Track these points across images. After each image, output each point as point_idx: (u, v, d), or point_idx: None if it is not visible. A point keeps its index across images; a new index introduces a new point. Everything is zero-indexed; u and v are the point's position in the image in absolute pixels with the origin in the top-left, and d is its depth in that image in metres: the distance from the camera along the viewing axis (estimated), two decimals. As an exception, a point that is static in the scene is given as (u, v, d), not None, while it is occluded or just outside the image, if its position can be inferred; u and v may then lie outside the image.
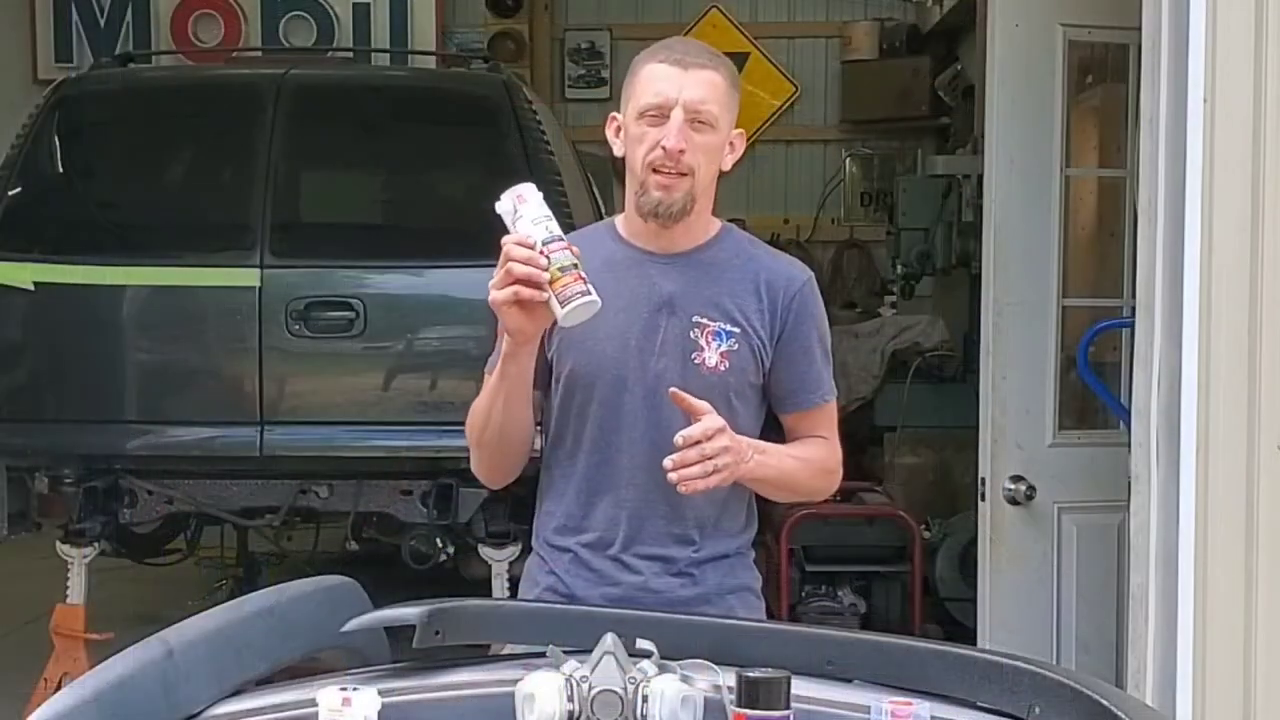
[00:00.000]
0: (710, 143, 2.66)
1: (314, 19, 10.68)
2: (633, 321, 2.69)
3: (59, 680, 5.36)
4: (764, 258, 2.80)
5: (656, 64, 2.66)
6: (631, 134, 2.67)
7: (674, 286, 2.71)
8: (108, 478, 5.61)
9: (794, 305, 2.74)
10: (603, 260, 2.69)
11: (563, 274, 2.46)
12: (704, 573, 2.76)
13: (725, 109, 2.67)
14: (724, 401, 2.67)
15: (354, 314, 5.44)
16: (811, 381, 2.78)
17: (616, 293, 2.66)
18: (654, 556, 2.73)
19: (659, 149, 2.62)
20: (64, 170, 5.97)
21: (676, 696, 1.95)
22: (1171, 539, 3.34)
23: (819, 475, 2.84)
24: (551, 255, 2.46)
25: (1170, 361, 3.35)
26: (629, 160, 2.69)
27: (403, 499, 5.61)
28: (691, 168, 2.63)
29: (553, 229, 2.49)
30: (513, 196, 2.52)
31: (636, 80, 2.68)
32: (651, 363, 2.69)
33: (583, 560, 2.74)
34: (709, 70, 2.66)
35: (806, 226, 10.93)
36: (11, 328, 5.60)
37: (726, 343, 2.70)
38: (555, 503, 2.79)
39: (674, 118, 2.61)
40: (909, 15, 11.01)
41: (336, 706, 1.85)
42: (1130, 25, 3.91)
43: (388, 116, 6.12)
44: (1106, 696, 1.93)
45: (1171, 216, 3.33)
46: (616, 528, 2.72)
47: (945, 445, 7.45)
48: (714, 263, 2.75)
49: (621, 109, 2.71)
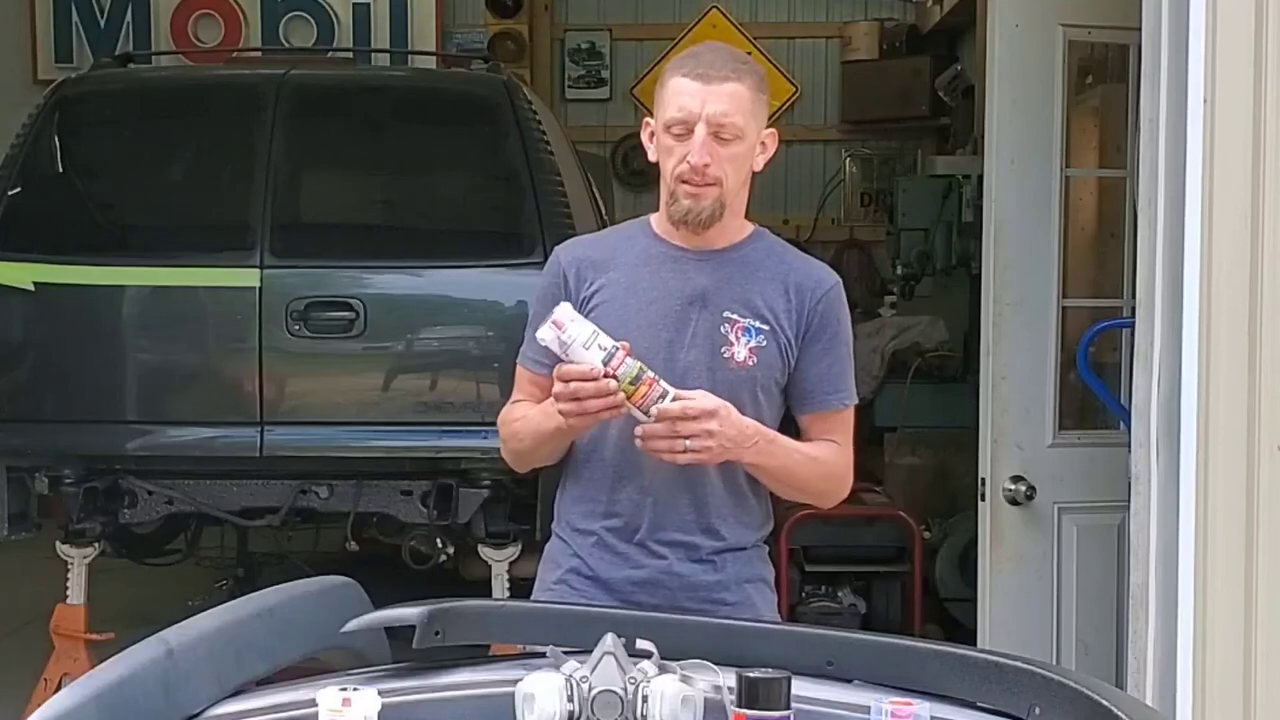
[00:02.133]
0: (737, 152, 2.74)
1: (314, 19, 10.67)
2: (665, 314, 2.77)
3: (59, 680, 5.36)
4: (794, 260, 2.89)
5: (681, 78, 2.73)
6: (661, 144, 2.76)
7: (706, 281, 2.79)
8: (108, 478, 5.60)
9: (820, 307, 2.81)
10: (638, 254, 2.82)
11: (635, 385, 2.57)
12: (724, 561, 2.83)
13: (751, 116, 2.74)
14: (750, 395, 2.76)
15: (354, 314, 5.43)
16: (830, 382, 2.84)
17: (651, 284, 2.78)
18: (677, 543, 2.80)
19: (685, 164, 2.71)
20: (64, 170, 5.96)
21: (676, 696, 1.95)
22: (1171, 539, 3.34)
23: (825, 478, 2.88)
24: (618, 372, 2.57)
25: (1170, 361, 3.35)
26: (661, 167, 2.78)
27: (403, 499, 5.61)
28: (719, 178, 2.72)
29: (605, 343, 2.58)
30: (551, 325, 2.60)
31: (664, 93, 2.75)
32: (681, 354, 2.75)
33: (608, 544, 2.82)
34: (732, 82, 2.71)
35: (806, 227, 10.92)
36: (11, 328, 5.59)
37: (755, 339, 2.77)
38: (581, 487, 2.86)
39: (698, 133, 2.69)
40: (909, 15, 11.01)
41: (336, 706, 1.85)
42: (1130, 25, 3.91)
43: (388, 117, 6.11)
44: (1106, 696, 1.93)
45: (1171, 216, 3.33)
46: (641, 513, 2.79)
47: (945, 445, 7.46)
48: (746, 261, 2.83)
49: (654, 116, 2.79)
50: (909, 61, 10.65)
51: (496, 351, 5.28)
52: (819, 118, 11.15)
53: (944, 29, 10.23)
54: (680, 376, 2.71)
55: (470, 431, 5.34)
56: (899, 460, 7.75)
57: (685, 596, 2.78)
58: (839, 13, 11.16)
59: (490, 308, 5.59)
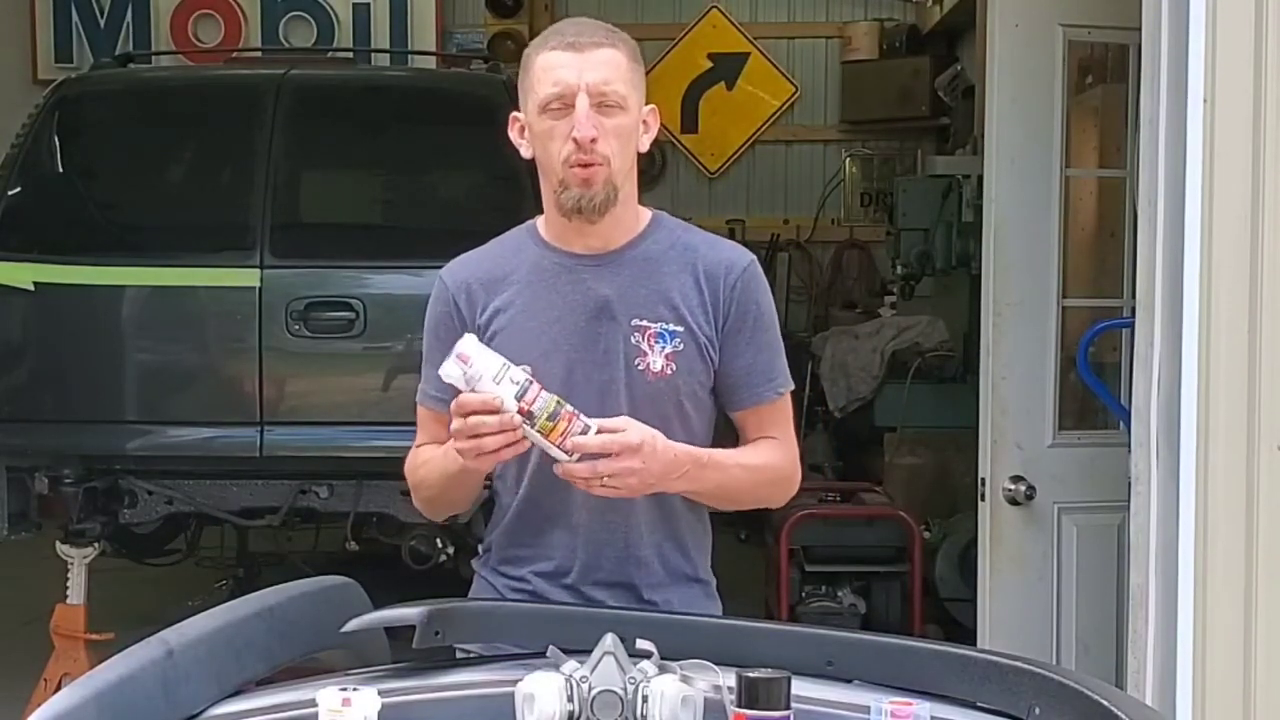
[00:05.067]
0: (622, 125, 2.47)
1: (314, 19, 10.67)
2: (569, 332, 2.51)
3: (59, 680, 5.36)
4: (700, 246, 2.60)
5: (550, 52, 2.46)
6: (537, 131, 2.49)
7: (609, 289, 2.52)
8: (108, 478, 5.61)
9: (736, 294, 2.55)
10: (530, 268, 2.56)
11: (554, 422, 2.30)
12: (668, 600, 2.59)
13: (633, 86, 2.48)
14: (675, 406, 2.52)
15: (354, 314, 5.44)
16: (759, 373, 2.59)
17: (549, 302, 2.52)
18: (614, 584, 2.57)
19: (570, 141, 2.43)
20: (64, 170, 5.97)
21: (676, 697, 1.94)
22: (1171, 539, 3.34)
23: (768, 484, 2.64)
24: (534, 408, 2.29)
25: (1170, 361, 3.34)
26: (540, 160, 2.51)
27: (403, 499, 5.60)
28: (607, 156, 2.44)
29: (517, 376, 2.30)
30: (455, 359, 2.32)
31: (532, 72, 2.48)
32: (595, 374, 2.50)
33: (539, 592, 2.58)
34: (606, 48, 2.46)
35: (806, 227, 10.93)
36: (11, 328, 5.60)
37: (671, 344, 2.51)
38: (505, 532, 2.63)
39: (579, 105, 2.42)
40: (909, 15, 11.01)
41: (336, 706, 1.85)
42: (1130, 25, 3.90)
43: (388, 117, 6.12)
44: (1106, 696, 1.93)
45: (1171, 217, 3.33)
46: (573, 556, 2.56)
47: (945, 445, 7.46)
48: (648, 258, 2.56)
49: (522, 107, 2.52)
50: (909, 61, 10.66)
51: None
52: (819, 118, 11.15)
53: (944, 29, 10.23)
54: (597, 398, 2.46)
55: (470, 431, 5.33)
56: (899, 460, 7.75)
57: None
58: (839, 13, 11.16)
59: None
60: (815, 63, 11.15)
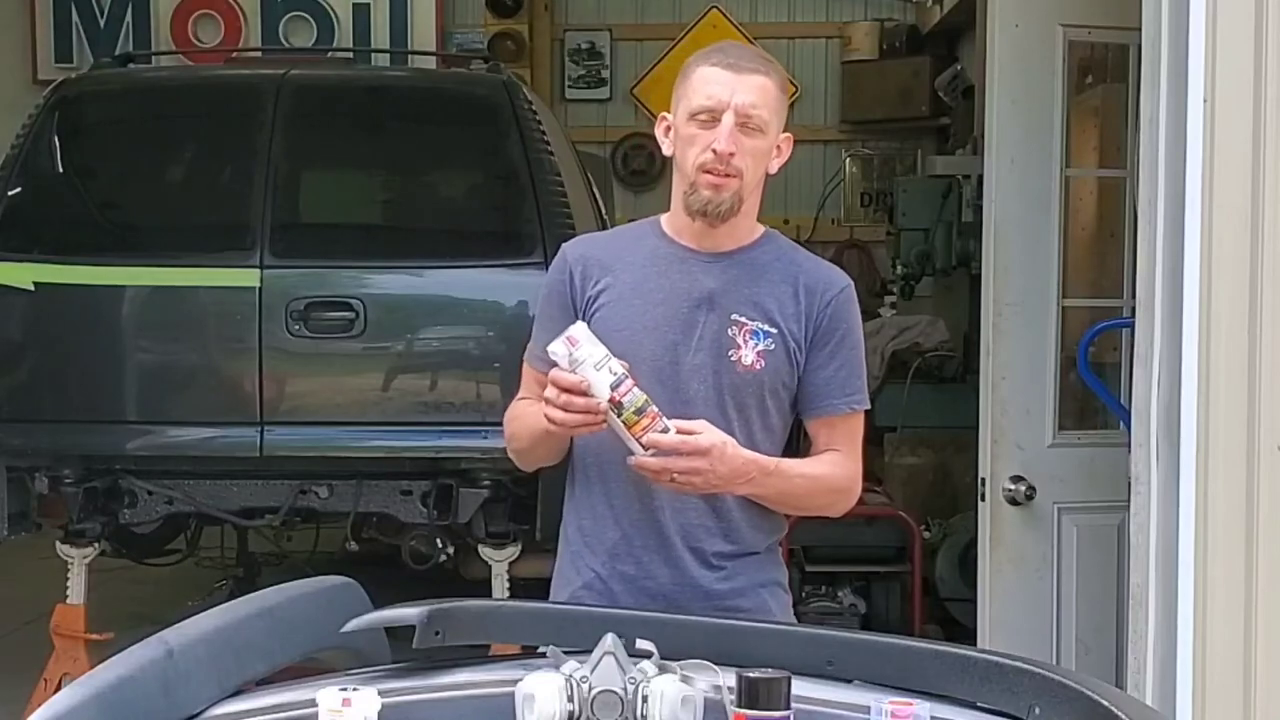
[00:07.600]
0: (759, 146, 2.71)
1: (314, 19, 10.68)
2: (671, 316, 2.74)
3: (59, 680, 5.36)
4: (805, 263, 2.85)
5: (710, 67, 2.71)
6: (682, 135, 2.72)
7: (714, 283, 2.76)
8: (108, 478, 5.60)
9: (830, 310, 2.78)
10: (647, 254, 2.79)
11: (639, 417, 2.55)
12: (737, 566, 2.79)
13: (775, 114, 2.73)
14: (757, 399, 2.74)
15: (354, 314, 5.43)
16: (837, 386, 2.80)
17: (658, 286, 2.75)
18: (689, 550, 2.76)
19: (709, 151, 2.67)
20: (64, 170, 5.96)
21: (676, 697, 1.95)
22: (1171, 539, 3.34)
23: (827, 493, 2.85)
24: (624, 400, 2.55)
25: (1170, 361, 3.34)
26: (679, 160, 2.74)
27: (403, 499, 5.61)
28: (740, 170, 2.69)
29: (615, 368, 2.56)
30: (565, 340, 2.58)
31: (689, 82, 2.72)
32: (687, 358, 2.73)
33: (619, 554, 2.78)
34: (761, 75, 2.71)
35: (806, 227, 10.92)
36: (11, 328, 5.59)
37: (763, 342, 2.74)
38: (587, 497, 2.82)
39: (725, 121, 2.66)
40: (909, 15, 11.02)
41: (336, 706, 1.85)
42: (1130, 25, 3.91)
43: (388, 117, 6.12)
44: (1106, 696, 1.93)
45: (1171, 216, 3.33)
46: (650, 521, 2.76)
47: (945, 446, 7.46)
48: (755, 263, 2.79)
49: (672, 110, 2.76)
50: (909, 61, 10.66)
51: (496, 351, 5.28)
52: (819, 118, 11.16)
53: (944, 29, 10.24)
54: (686, 380, 2.71)
55: (470, 431, 5.34)
56: (899, 460, 7.75)
57: (699, 606, 2.73)
58: (839, 13, 11.17)
59: (490, 308, 5.59)
60: (815, 63, 11.16)
